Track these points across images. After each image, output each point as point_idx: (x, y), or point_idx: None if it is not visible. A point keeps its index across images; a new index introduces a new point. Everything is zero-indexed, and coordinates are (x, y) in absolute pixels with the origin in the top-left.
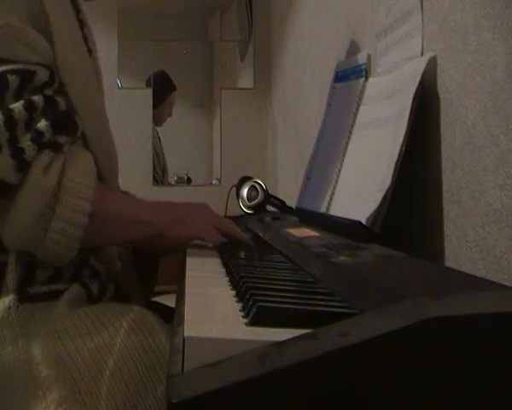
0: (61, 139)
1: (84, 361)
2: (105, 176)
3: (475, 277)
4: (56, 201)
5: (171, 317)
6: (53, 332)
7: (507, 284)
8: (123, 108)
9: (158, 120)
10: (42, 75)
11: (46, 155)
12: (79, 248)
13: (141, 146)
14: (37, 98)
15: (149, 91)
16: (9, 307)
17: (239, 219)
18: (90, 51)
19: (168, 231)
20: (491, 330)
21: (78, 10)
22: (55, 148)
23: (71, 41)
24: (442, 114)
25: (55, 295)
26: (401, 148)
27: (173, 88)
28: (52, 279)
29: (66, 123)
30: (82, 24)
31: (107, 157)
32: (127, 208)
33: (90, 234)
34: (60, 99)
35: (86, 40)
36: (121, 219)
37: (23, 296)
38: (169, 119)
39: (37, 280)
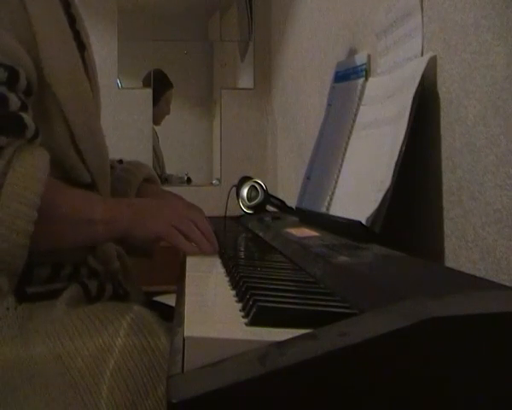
0: (1, 141)
1: (84, 361)
2: (94, 174)
3: (475, 277)
4: None
5: (170, 316)
6: (52, 332)
7: (507, 284)
8: (123, 108)
9: (156, 119)
10: None
11: None
12: (79, 248)
13: (141, 146)
14: None
15: (149, 91)
16: (8, 308)
17: (239, 219)
18: (83, 46)
19: (132, 230)
20: (491, 330)
21: (68, 5)
22: None
23: (57, 40)
24: (442, 114)
25: (53, 295)
26: (401, 148)
27: (170, 85)
28: (50, 279)
29: (7, 124)
30: (72, 19)
31: (96, 155)
32: (85, 207)
33: (42, 236)
34: (13, 96)
35: (79, 35)
36: (77, 217)
37: (21, 296)
38: (169, 118)
39: (35, 279)
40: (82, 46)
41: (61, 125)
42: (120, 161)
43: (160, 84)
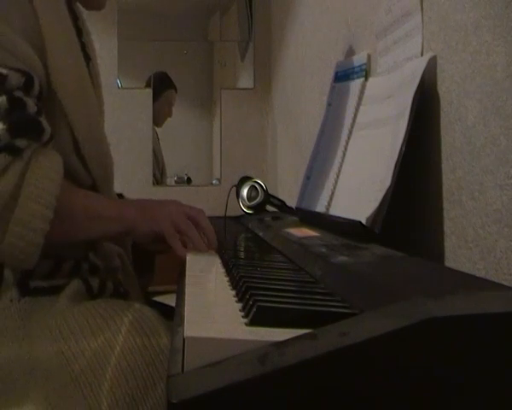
0: (21, 143)
1: (85, 357)
2: (97, 181)
3: (475, 277)
4: (15, 204)
5: (170, 316)
6: (54, 327)
7: (507, 284)
8: (123, 108)
9: (157, 120)
10: (14, 79)
11: (2, 159)
12: (82, 244)
13: (141, 146)
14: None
15: (149, 91)
16: (11, 300)
17: (239, 219)
18: (88, 58)
19: (139, 227)
20: (491, 330)
21: (76, 17)
22: (13, 151)
23: (65, 49)
24: (442, 114)
25: (55, 291)
26: (401, 148)
27: (171, 85)
28: (52, 272)
29: (26, 127)
30: (80, 31)
31: (100, 163)
32: (95, 205)
33: (57, 233)
34: (30, 101)
35: (84, 47)
36: (89, 215)
37: (24, 290)
38: (169, 119)
39: (37, 273)
40: (87, 58)
41: (65, 132)
42: (120, 196)
43: (159, 83)
